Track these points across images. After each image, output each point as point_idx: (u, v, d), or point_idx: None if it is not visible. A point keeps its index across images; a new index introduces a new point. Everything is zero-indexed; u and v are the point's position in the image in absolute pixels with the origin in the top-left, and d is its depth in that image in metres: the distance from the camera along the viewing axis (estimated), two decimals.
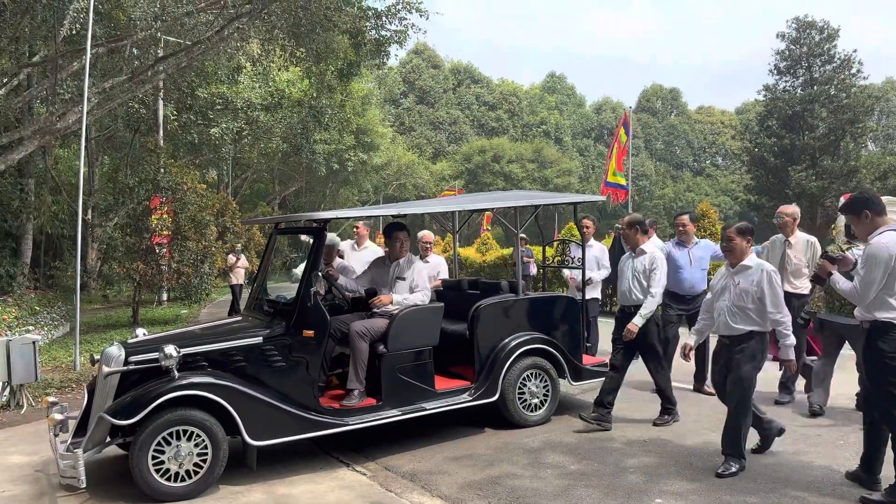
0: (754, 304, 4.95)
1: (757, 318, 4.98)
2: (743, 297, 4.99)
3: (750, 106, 63.15)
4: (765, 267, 5.00)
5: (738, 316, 5.02)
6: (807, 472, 4.98)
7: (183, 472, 4.71)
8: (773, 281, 4.93)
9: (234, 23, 13.41)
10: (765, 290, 4.92)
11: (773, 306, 4.91)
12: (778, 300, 4.91)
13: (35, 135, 12.69)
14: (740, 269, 5.09)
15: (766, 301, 4.92)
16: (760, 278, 4.95)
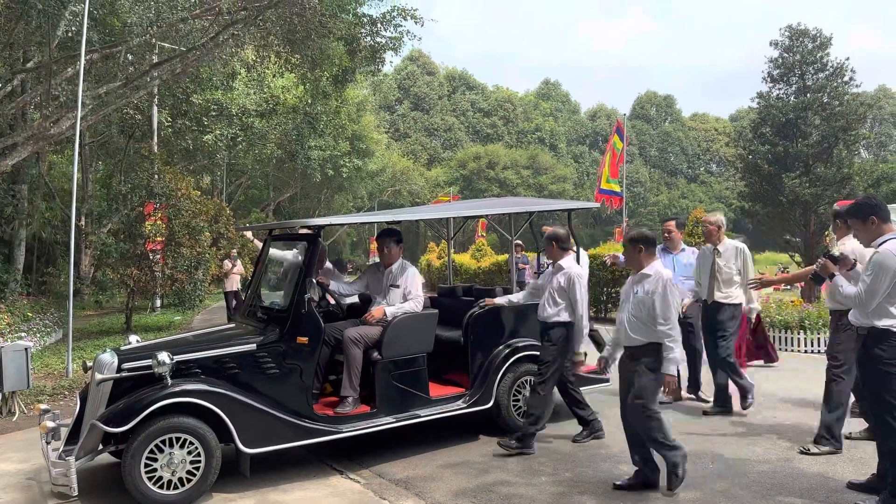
0: (650, 314, 4.69)
1: (654, 328, 4.71)
2: (640, 307, 4.74)
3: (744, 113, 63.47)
4: (662, 275, 4.74)
5: (637, 326, 4.76)
6: (801, 480, 4.98)
7: (176, 480, 4.68)
8: (666, 290, 4.66)
9: (228, 29, 13.41)
10: (655, 299, 4.66)
11: (662, 317, 4.62)
12: (668, 311, 4.63)
13: (29, 141, 12.65)
14: (640, 278, 4.84)
15: (656, 310, 4.65)
16: (655, 287, 4.70)
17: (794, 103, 23.26)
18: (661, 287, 4.67)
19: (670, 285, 4.69)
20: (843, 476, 5.01)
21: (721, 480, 5.00)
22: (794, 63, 23.71)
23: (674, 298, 4.70)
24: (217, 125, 23.25)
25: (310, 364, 5.34)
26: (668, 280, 4.70)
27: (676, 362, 4.65)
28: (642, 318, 4.72)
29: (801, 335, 11.02)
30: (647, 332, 4.72)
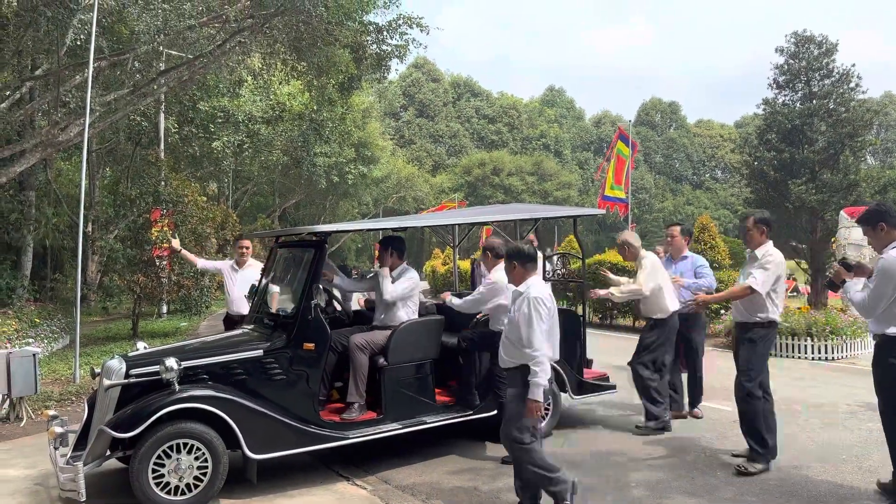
0: (518, 335, 4.37)
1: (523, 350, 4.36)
2: (511, 327, 4.45)
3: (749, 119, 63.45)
4: (530, 294, 4.35)
5: (508, 348, 4.47)
6: (810, 487, 4.96)
7: (183, 486, 4.69)
8: (531, 310, 4.28)
9: (235, 37, 13.48)
10: (520, 320, 4.34)
11: (525, 338, 4.28)
12: (531, 332, 4.26)
13: (37, 147, 12.72)
14: (515, 296, 4.52)
15: (521, 330, 4.32)
16: (521, 305, 4.37)
17: (800, 110, 23.21)
18: (525, 307, 4.33)
19: (537, 304, 4.30)
20: (853, 484, 4.99)
21: (729, 488, 4.98)
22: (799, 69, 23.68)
23: (540, 319, 4.28)
24: (223, 132, 23.32)
25: (316, 370, 5.35)
26: (536, 299, 4.31)
27: (541, 387, 4.25)
28: (512, 338, 4.42)
29: (808, 342, 10.98)
30: (515, 354, 4.41)
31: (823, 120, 22.62)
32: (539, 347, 4.26)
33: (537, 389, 4.26)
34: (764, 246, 5.32)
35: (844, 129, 22.29)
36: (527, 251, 4.52)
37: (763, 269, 5.25)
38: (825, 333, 10.95)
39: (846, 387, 8.59)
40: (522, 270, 4.51)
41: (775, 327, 5.50)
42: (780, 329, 11.16)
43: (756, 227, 5.31)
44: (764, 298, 5.27)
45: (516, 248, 4.57)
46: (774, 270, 5.27)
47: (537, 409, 4.30)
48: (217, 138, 23.08)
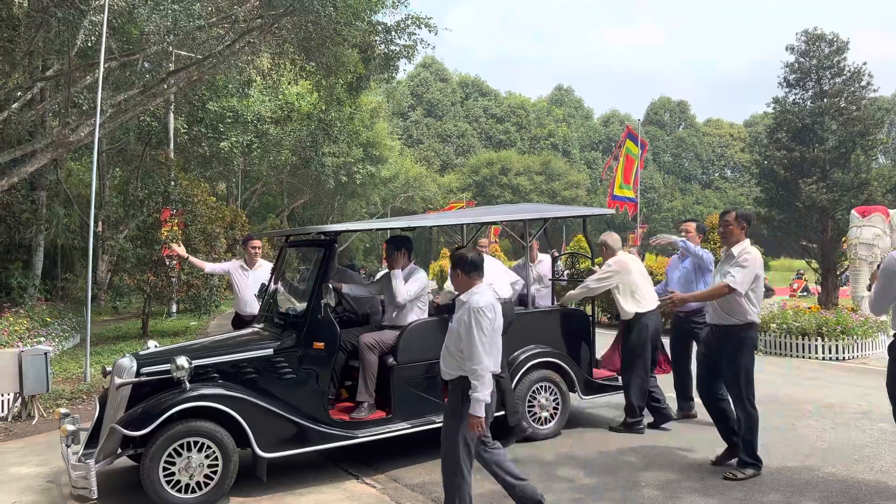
0: (456, 346, 4.19)
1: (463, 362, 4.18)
2: (451, 337, 4.25)
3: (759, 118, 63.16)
4: (472, 303, 4.12)
5: (447, 358, 4.29)
6: (821, 487, 4.94)
7: (193, 484, 4.72)
8: (472, 320, 4.06)
9: (244, 37, 13.51)
10: (461, 331, 4.13)
11: (467, 349, 4.08)
12: (472, 344, 4.04)
13: (48, 148, 12.79)
14: (458, 305, 4.30)
15: (462, 341, 4.12)
16: (462, 315, 4.16)
17: (811, 108, 23.05)
18: (467, 317, 4.10)
19: (478, 315, 4.06)
20: (865, 484, 4.96)
21: (740, 488, 4.96)
22: (810, 68, 23.51)
23: (481, 331, 4.05)
24: (232, 132, 23.40)
25: (326, 369, 5.37)
26: (477, 310, 4.07)
27: (482, 402, 4.04)
28: (452, 349, 4.23)
29: (818, 342, 10.93)
30: (454, 366, 4.21)
31: (834, 118, 22.46)
32: (480, 360, 4.03)
33: (478, 405, 4.04)
34: (741, 243, 5.15)
35: (855, 127, 22.14)
36: (471, 259, 4.30)
37: (741, 267, 5.05)
38: (836, 333, 10.88)
39: (857, 387, 8.54)
40: (466, 279, 4.28)
41: (754, 329, 5.22)
42: (790, 329, 11.12)
43: (737, 222, 5.13)
44: (742, 299, 5.06)
45: (460, 255, 4.35)
46: (752, 269, 5.07)
47: (478, 425, 4.09)
48: (226, 138, 23.15)
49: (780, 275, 37.39)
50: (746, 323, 5.13)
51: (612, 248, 6.74)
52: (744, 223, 5.17)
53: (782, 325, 11.27)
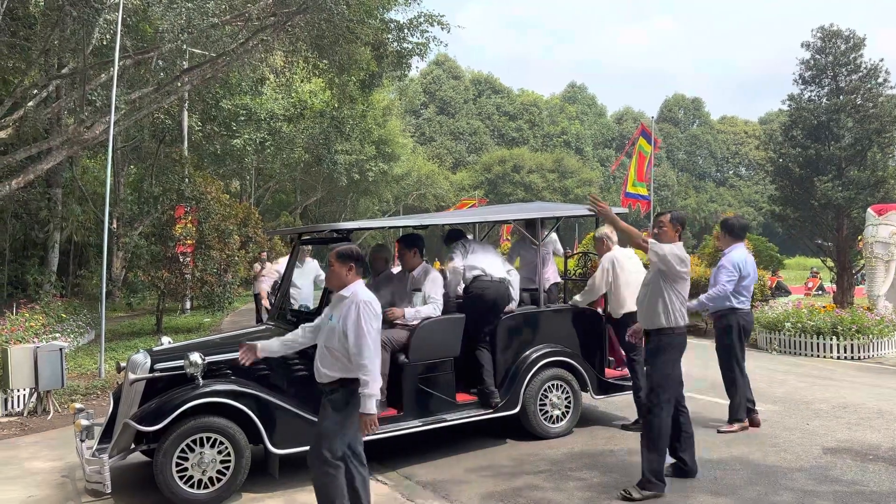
0: (341, 344, 3.98)
1: (348, 361, 3.97)
2: (332, 335, 4.02)
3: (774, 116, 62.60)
4: (359, 298, 3.97)
5: (327, 358, 4.03)
6: (836, 487, 4.90)
7: (206, 479, 4.75)
8: (360, 314, 3.91)
9: (258, 35, 13.57)
10: (347, 326, 3.93)
11: (356, 345, 3.89)
12: (363, 340, 3.88)
13: (63, 145, 12.90)
14: (337, 301, 4.11)
15: (349, 338, 3.93)
16: (348, 312, 3.96)
17: (827, 105, 22.82)
18: (355, 311, 3.93)
19: (367, 309, 3.94)
20: (881, 484, 4.92)
21: (753, 487, 4.93)
22: (826, 64, 23.27)
23: (371, 326, 3.92)
24: (246, 130, 23.51)
25: None
26: (366, 303, 3.96)
27: (374, 398, 3.90)
28: (333, 348, 4.00)
29: (833, 341, 10.83)
30: (337, 366, 4.00)
31: (850, 116, 22.23)
32: (371, 356, 3.89)
33: (371, 402, 3.88)
34: (675, 244, 4.97)
35: (872, 125, 21.90)
36: (354, 253, 4.12)
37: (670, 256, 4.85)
38: (851, 332, 10.78)
39: (873, 386, 8.46)
40: (346, 274, 4.06)
41: (675, 335, 4.89)
42: (805, 328, 11.02)
43: (671, 224, 5.01)
44: (664, 303, 4.85)
45: (340, 250, 4.10)
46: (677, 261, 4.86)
47: (372, 423, 3.91)
48: (239, 136, 23.27)
49: (794, 273, 37.08)
50: (663, 328, 4.88)
51: (611, 243, 6.73)
52: (678, 225, 5.05)
53: (797, 325, 11.18)
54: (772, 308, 12.12)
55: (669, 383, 4.86)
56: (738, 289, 6.37)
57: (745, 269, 6.41)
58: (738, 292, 6.40)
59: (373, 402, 3.90)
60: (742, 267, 6.39)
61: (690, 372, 7.42)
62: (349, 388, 3.96)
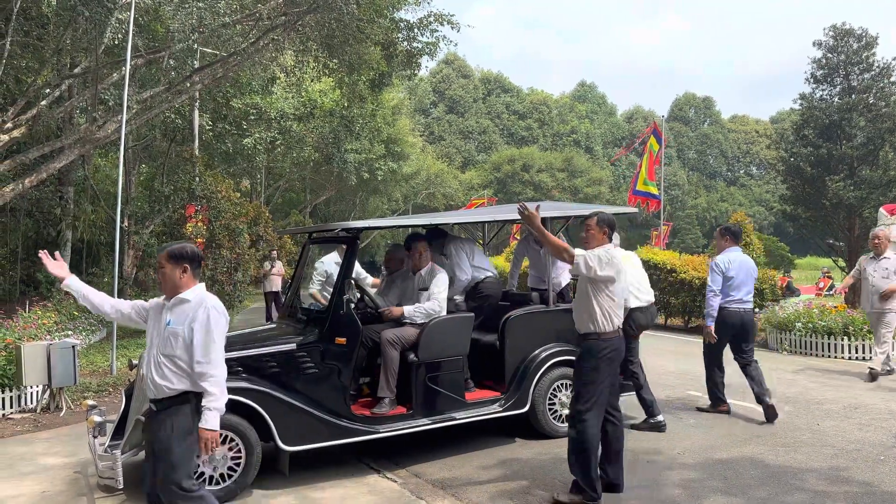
0: (186, 352, 3.54)
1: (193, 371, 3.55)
2: (172, 342, 3.55)
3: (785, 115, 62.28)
4: (207, 301, 3.59)
5: (166, 370, 3.54)
6: (846, 488, 4.88)
7: (217, 476, 4.78)
8: (210, 319, 3.53)
9: (269, 34, 13.61)
10: (195, 331, 3.51)
11: (202, 353, 3.48)
12: (211, 347, 3.50)
13: (75, 144, 12.99)
14: (175, 304, 3.63)
15: (195, 346, 3.50)
16: (195, 317, 3.54)
17: (839, 104, 22.71)
18: (203, 314, 3.53)
19: (216, 314, 3.57)
20: (891, 485, 4.89)
21: (763, 488, 4.92)
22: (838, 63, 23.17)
23: (220, 332, 3.56)
24: (256, 129, 23.60)
25: (348, 364, 5.40)
26: (215, 308, 3.59)
27: (219, 412, 3.53)
28: (177, 356, 3.55)
29: (844, 341, 10.77)
30: (179, 378, 3.55)
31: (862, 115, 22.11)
32: (217, 364, 3.52)
33: (214, 416, 3.48)
34: (603, 247, 4.82)
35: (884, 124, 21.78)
36: (188, 252, 3.67)
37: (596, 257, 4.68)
38: (863, 333, 10.71)
39: (884, 388, 8.41)
40: (190, 276, 3.65)
41: (601, 340, 4.67)
42: (816, 328, 10.95)
43: (598, 227, 4.86)
44: (590, 308, 4.69)
45: (175, 249, 3.66)
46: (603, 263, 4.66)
47: (214, 442, 3.50)
48: (250, 135, 23.36)
49: (805, 273, 36.88)
50: (588, 332, 4.72)
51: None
52: (605, 227, 4.89)
53: (808, 325, 11.13)
54: (782, 308, 12.07)
55: (591, 391, 4.63)
56: (723, 288, 6.80)
57: (728, 270, 6.77)
58: (723, 291, 6.80)
59: (216, 417, 3.49)
60: (726, 268, 6.77)
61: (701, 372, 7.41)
62: (195, 404, 3.54)
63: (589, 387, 4.65)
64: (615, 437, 4.84)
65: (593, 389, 4.63)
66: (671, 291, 14.90)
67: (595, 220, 4.89)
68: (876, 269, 8.72)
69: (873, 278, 8.69)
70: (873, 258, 8.85)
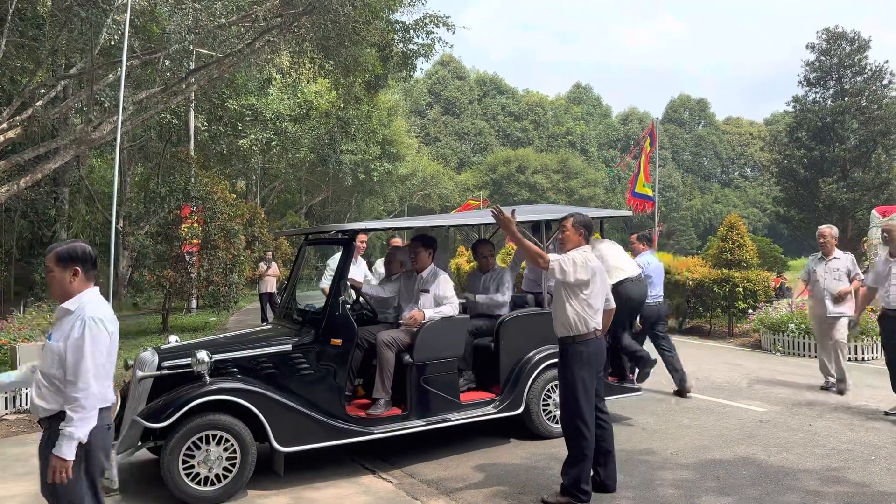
0: (61, 369, 3.11)
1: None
2: (51, 359, 3.14)
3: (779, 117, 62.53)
4: (86, 313, 3.13)
5: (46, 389, 3.14)
6: (837, 487, 4.92)
7: (213, 476, 4.80)
8: (86, 333, 3.07)
9: (264, 35, 13.64)
10: (68, 346, 3.08)
11: (73, 373, 3.04)
12: (80, 364, 3.04)
13: (71, 145, 12.99)
14: (61, 315, 3.24)
15: (67, 362, 3.07)
16: (72, 328, 3.12)
17: (832, 107, 22.85)
18: (78, 330, 3.08)
19: (95, 327, 3.11)
20: (881, 484, 4.94)
21: (755, 487, 4.96)
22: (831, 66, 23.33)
23: (96, 347, 3.08)
24: (252, 130, 23.62)
25: (343, 366, 5.43)
26: (94, 319, 3.12)
27: (75, 440, 3.02)
28: (54, 375, 3.13)
29: None
30: (55, 397, 3.13)
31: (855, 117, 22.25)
32: (87, 385, 3.04)
33: (68, 444, 3.00)
34: (579, 249, 4.81)
35: (877, 126, 21.92)
36: (79, 253, 3.26)
37: (571, 260, 4.71)
38: (855, 334, 10.77)
39: (876, 388, 8.46)
40: (78, 279, 3.24)
41: (576, 343, 4.67)
42: (808, 329, 11.01)
43: (574, 228, 4.86)
44: (565, 312, 4.68)
45: (63, 250, 3.25)
46: (579, 266, 4.67)
47: (64, 471, 3.02)
48: (245, 136, 23.38)
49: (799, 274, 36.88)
50: (571, 336, 4.71)
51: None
52: (581, 228, 4.89)
53: (800, 326, 11.18)
54: (776, 309, 12.13)
55: (574, 395, 4.63)
56: None
57: (646, 270, 7.52)
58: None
59: (71, 445, 3.01)
60: (645, 269, 7.48)
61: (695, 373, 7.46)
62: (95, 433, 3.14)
63: (569, 391, 4.67)
64: (604, 439, 4.85)
65: (576, 394, 4.65)
66: (665, 293, 14.94)
67: (571, 221, 4.86)
68: (826, 270, 7.88)
69: (824, 280, 7.85)
70: (821, 259, 8.01)
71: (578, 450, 4.61)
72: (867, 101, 22.56)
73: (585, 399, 4.64)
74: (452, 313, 5.91)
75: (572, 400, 4.65)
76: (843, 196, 20.85)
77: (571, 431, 4.65)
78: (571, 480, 4.63)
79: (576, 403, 4.63)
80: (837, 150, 21.95)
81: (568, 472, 4.67)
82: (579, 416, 4.62)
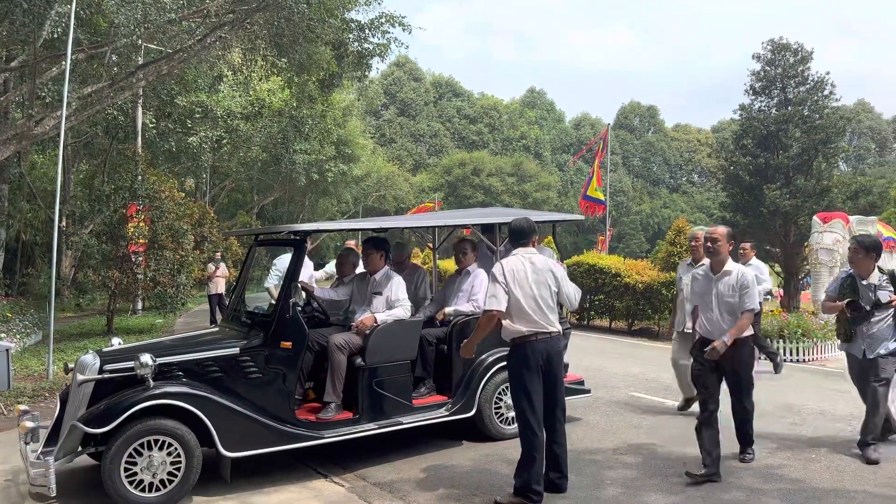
0: None
1: None
2: None
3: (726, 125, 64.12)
4: None
5: None
6: (780, 485, 5.06)
7: (157, 482, 4.66)
8: None
9: (216, 31, 13.37)
10: None
11: None
12: None
13: (11, 140, 12.52)
14: None
15: None
16: None
17: (776, 116, 23.58)
18: None
19: None
20: (822, 480, 5.10)
21: (700, 487, 5.05)
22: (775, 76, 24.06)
23: None
24: (202, 127, 23.15)
25: (293, 369, 5.34)
26: None
27: None
28: None
29: (779, 344, 11.16)
30: None
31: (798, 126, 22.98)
32: None
33: None
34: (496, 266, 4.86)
35: (818, 135, 22.69)
36: None
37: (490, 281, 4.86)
38: (797, 336, 11.13)
39: (816, 388, 8.75)
40: None
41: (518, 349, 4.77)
42: None
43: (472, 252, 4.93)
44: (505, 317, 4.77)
45: None
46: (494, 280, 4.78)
47: None
48: (195, 133, 22.90)
49: None
50: (511, 340, 4.84)
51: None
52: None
53: None
54: None
55: (518, 397, 4.76)
56: None
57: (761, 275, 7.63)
58: None
59: None
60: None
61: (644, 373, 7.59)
62: None
63: (515, 393, 4.81)
64: (556, 440, 4.89)
65: (519, 396, 4.76)
66: (615, 295, 15.20)
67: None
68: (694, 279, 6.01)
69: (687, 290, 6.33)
70: (690, 265, 7.04)
71: (533, 454, 4.68)
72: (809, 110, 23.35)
73: (530, 401, 4.71)
74: (405, 316, 5.89)
75: (518, 403, 4.79)
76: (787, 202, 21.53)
77: (520, 430, 4.78)
78: (523, 482, 4.68)
79: (520, 407, 4.76)
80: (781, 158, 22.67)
81: (520, 473, 4.71)
82: (529, 420, 4.70)
